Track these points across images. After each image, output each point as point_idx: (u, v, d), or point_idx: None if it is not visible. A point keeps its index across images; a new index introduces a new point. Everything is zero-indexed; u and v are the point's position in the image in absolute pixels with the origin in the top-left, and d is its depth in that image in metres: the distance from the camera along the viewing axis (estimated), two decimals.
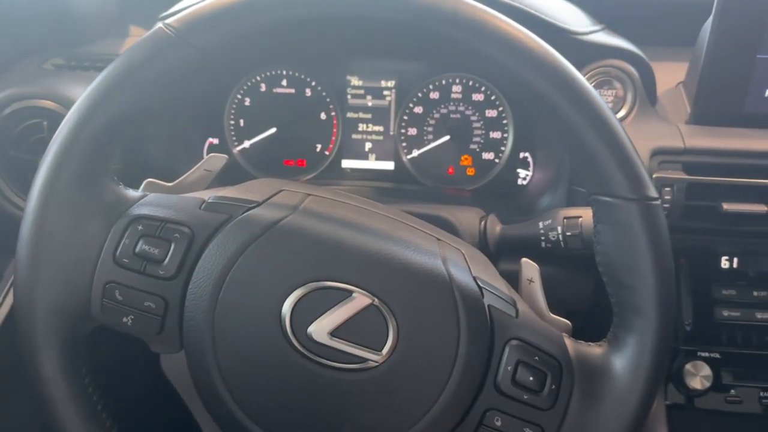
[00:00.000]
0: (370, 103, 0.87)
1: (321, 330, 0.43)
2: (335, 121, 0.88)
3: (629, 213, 0.44)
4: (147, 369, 0.62)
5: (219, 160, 0.56)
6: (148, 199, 0.48)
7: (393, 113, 0.87)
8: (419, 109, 0.87)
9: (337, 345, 0.43)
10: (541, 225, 0.68)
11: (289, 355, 0.43)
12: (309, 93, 0.87)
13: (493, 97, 0.86)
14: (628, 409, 0.45)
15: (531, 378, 0.45)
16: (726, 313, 0.74)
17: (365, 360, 0.43)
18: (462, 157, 0.88)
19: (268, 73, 0.86)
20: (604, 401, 0.45)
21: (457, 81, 0.86)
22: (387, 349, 0.43)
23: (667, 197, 0.69)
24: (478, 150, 0.87)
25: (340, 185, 0.88)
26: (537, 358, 0.45)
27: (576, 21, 0.76)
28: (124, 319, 0.45)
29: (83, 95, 0.45)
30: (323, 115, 0.88)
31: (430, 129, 0.87)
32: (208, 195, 0.49)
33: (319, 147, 0.89)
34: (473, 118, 0.86)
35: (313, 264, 0.44)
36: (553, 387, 0.45)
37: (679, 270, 0.75)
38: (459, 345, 0.44)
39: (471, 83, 0.86)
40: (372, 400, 0.44)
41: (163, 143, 0.83)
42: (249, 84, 0.87)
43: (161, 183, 0.53)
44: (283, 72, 0.86)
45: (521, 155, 0.87)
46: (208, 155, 0.57)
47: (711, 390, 0.73)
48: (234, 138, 0.89)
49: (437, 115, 0.87)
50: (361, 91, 0.87)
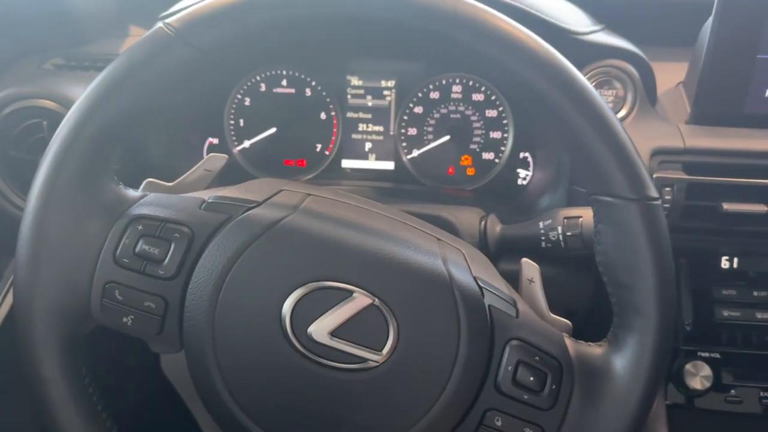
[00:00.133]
0: (370, 103, 0.87)
1: (321, 330, 0.43)
2: (335, 121, 0.88)
3: (629, 213, 0.44)
4: (147, 369, 0.61)
5: (219, 159, 0.56)
6: (148, 199, 0.48)
7: (393, 113, 0.87)
8: (419, 109, 0.87)
9: (338, 345, 0.43)
10: (542, 225, 0.68)
11: (290, 355, 0.43)
12: (309, 93, 0.87)
13: (493, 97, 0.86)
14: (628, 409, 0.45)
15: (531, 378, 0.45)
16: (726, 313, 0.74)
17: (365, 360, 0.43)
18: (462, 157, 0.88)
19: (268, 73, 0.86)
20: (604, 401, 0.45)
21: (457, 81, 0.86)
22: (387, 349, 0.43)
23: (668, 197, 0.69)
24: (478, 150, 0.87)
25: (340, 185, 0.88)
26: (537, 358, 0.45)
27: (576, 21, 0.76)
28: (124, 319, 0.45)
29: (83, 95, 0.45)
30: (323, 115, 0.88)
31: (430, 129, 0.87)
32: (208, 195, 0.49)
33: (319, 147, 0.89)
34: (473, 118, 0.86)
35: (314, 264, 0.44)
36: (554, 387, 0.45)
37: (680, 270, 0.74)
38: (459, 345, 0.44)
39: (471, 83, 0.85)
40: (372, 400, 0.44)
41: (163, 143, 0.83)
42: (249, 84, 0.87)
43: (161, 183, 0.53)
44: (283, 72, 0.86)
45: (521, 155, 0.87)
46: (208, 155, 0.57)
47: (711, 390, 0.72)
48: (234, 138, 0.89)
49: (437, 115, 0.87)
50: (361, 91, 0.87)
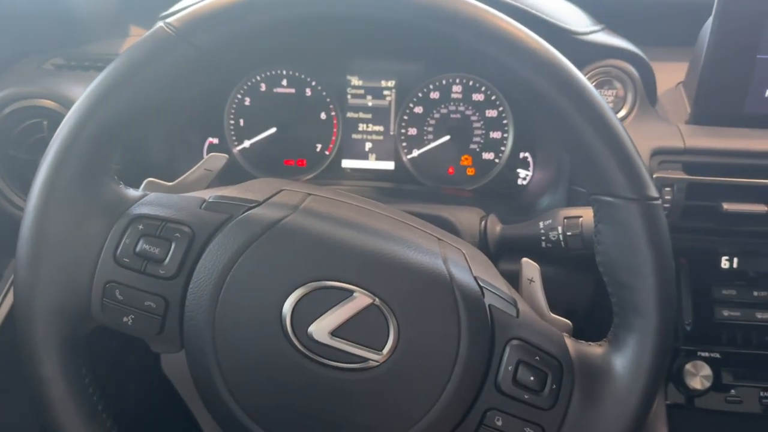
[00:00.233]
0: (370, 103, 0.87)
1: (322, 330, 0.43)
2: (335, 121, 0.88)
3: (630, 213, 0.44)
4: (147, 369, 0.61)
5: (219, 159, 0.56)
6: (148, 199, 0.48)
7: (393, 113, 0.87)
8: (419, 109, 0.87)
9: (338, 345, 0.43)
10: (542, 225, 0.68)
11: (290, 355, 0.43)
12: (309, 93, 0.87)
13: (494, 97, 0.86)
14: (628, 409, 0.45)
15: (532, 378, 0.45)
16: (726, 313, 0.74)
17: (366, 360, 0.43)
18: (462, 157, 0.88)
19: (268, 73, 0.86)
20: (604, 401, 0.45)
21: (457, 81, 0.86)
22: (388, 349, 0.43)
23: (668, 197, 0.69)
24: (478, 150, 0.87)
25: (340, 185, 0.88)
26: (538, 357, 0.45)
27: (576, 21, 0.76)
28: (124, 319, 0.45)
29: (84, 95, 0.45)
30: (323, 115, 0.88)
31: (430, 129, 0.87)
32: (208, 194, 0.49)
33: (319, 147, 0.89)
34: (473, 118, 0.86)
35: (314, 264, 0.44)
36: (554, 387, 0.45)
37: (680, 270, 0.75)
38: (460, 345, 0.44)
39: (471, 83, 0.85)
40: (372, 399, 0.44)
41: (163, 143, 0.83)
42: (249, 84, 0.87)
43: (162, 182, 0.53)
44: (283, 72, 0.86)
45: (521, 155, 0.87)
46: (208, 155, 0.57)
47: (711, 390, 0.73)
48: (234, 138, 0.89)
49: (437, 115, 0.87)
50: (361, 91, 0.87)
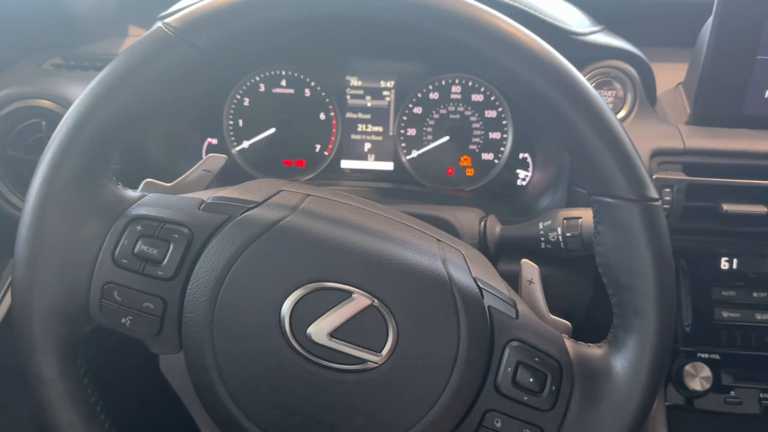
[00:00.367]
0: (369, 104, 0.87)
1: (320, 331, 0.43)
2: (334, 122, 0.88)
3: (629, 214, 0.44)
4: (145, 370, 0.61)
5: (218, 160, 0.56)
6: (146, 200, 0.48)
7: (392, 114, 0.87)
8: (418, 110, 0.87)
9: (337, 346, 0.43)
10: (541, 226, 0.68)
11: (289, 356, 0.43)
12: (308, 93, 0.87)
13: (493, 98, 0.86)
14: (628, 411, 0.45)
15: (531, 379, 0.45)
16: (726, 314, 0.74)
17: (365, 361, 0.43)
18: (461, 158, 0.88)
19: (267, 73, 0.86)
20: (604, 402, 0.45)
21: (457, 81, 0.86)
22: (387, 350, 0.43)
23: (667, 198, 0.69)
24: (477, 150, 0.87)
25: (339, 186, 0.88)
26: (537, 359, 0.45)
27: (576, 21, 0.76)
28: (122, 320, 0.45)
29: (82, 95, 0.45)
30: (322, 116, 0.88)
31: (429, 129, 0.87)
32: (207, 195, 0.49)
33: (319, 147, 0.89)
34: (473, 118, 0.86)
35: (313, 265, 0.44)
36: (553, 388, 0.45)
37: (679, 271, 0.75)
38: (459, 346, 0.44)
39: (470, 84, 0.85)
40: (371, 401, 0.44)
41: (162, 143, 0.83)
42: (248, 84, 0.87)
43: (160, 183, 0.53)
44: (283, 72, 0.86)
45: (521, 156, 0.87)
46: (207, 155, 0.56)
47: (711, 391, 0.73)
48: (233, 138, 0.88)
49: (437, 116, 0.87)
50: (361, 92, 0.87)
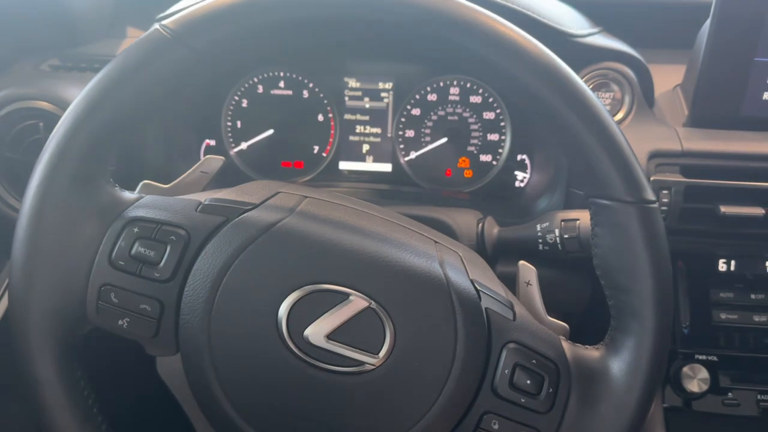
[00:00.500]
0: (367, 105, 0.87)
1: (318, 333, 0.43)
2: (333, 123, 0.88)
3: (627, 216, 0.44)
4: (142, 371, 0.61)
5: (216, 161, 0.56)
6: (144, 201, 0.48)
7: (391, 115, 0.87)
8: (417, 111, 0.87)
9: (334, 348, 0.43)
10: (539, 227, 0.68)
11: (286, 358, 0.43)
12: (306, 95, 0.87)
13: (491, 100, 0.86)
14: (625, 413, 0.45)
15: (528, 381, 0.44)
16: (723, 316, 0.74)
17: (362, 363, 0.43)
18: (459, 159, 0.88)
19: (265, 75, 0.86)
20: (601, 404, 0.45)
21: (455, 83, 0.86)
22: (384, 352, 0.43)
23: (665, 200, 0.69)
24: (475, 152, 0.87)
25: (337, 187, 0.88)
26: (534, 361, 0.45)
27: (574, 23, 0.76)
28: (119, 322, 0.45)
29: (80, 96, 0.45)
30: (321, 117, 0.88)
31: (427, 131, 0.87)
32: (204, 197, 0.49)
33: (317, 149, 0.89)
34: (471, 120, 0.86)
35: (310, 267, 0.44)
36: (551, 390, 0.45)
37: (677, 272, 0.75)
38: (456, 348, 0.44)
39: (469, 85, 0.85)
40: (369, 403, 0.43)
41: (160, 145, 0.83)
42: (246, 85, 0.87)
43: (157, 185, 0.53)
44: (281, 74, 0.86)
45: (519, 157, 0.87)
46: (205, 157, 0.56)
47: (708, 393, 0.72)
48: (231, 139, 0.88)
49: (435, 117, 0.87)
50: (359, 93, 0.87)
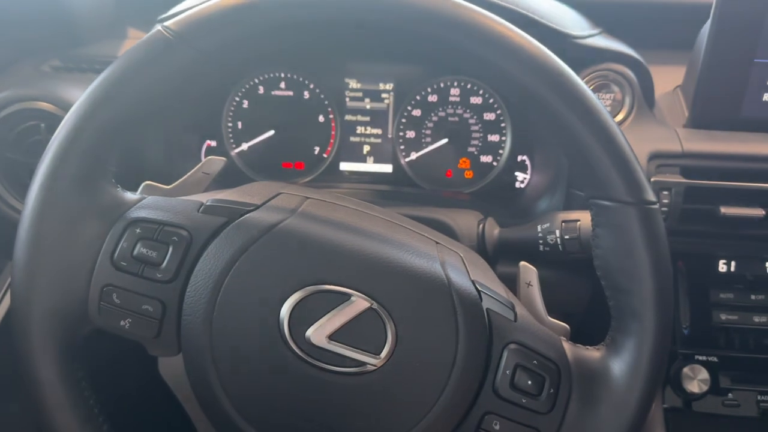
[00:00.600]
0: (368, 106, 0.87)
1: (319, 333, 0.43)
2: (333, 124, 0.88)
3: (627, 217, 0.44)
4: (144, 372, 0.61)
5: (217, 162, 0.56)
6: (146, 202, 0.48)
7: (391, 116, 0.87)
8: (417, 112, 0.87)
9: (336, 348, 0.43)
10: (539, 228, 0.68)
11: (288, 359, 0.43)
12: (307, 96, 0.87)
13: (491, 100, 0.86)
14: (626, 413, 0.45)
15: (529, 382, 0.45)
16: (724, 317, 0.74)
17: (363, 364, 0.43)
18: (460, 160, 0.88)
19: (266, 76, 0.86)
20: (602, 405, 0.45)
21: (456, 84, 0.86)
22: (385, 353, 0.43)
23: (665, 201, 0.69)
24: (476, 153, 0.87)
25: (338, 188, 0.88)
26: (535, 361, 0.45)
27: (574, 25, 0.76)
28: (121, 322, 0.45)
29: (82, 97, 0.45)
30: (321, 118, 0.88)
31: (428, 132, 0.87)
32: (206, 198, 0.49)
33: (317, 149, 0.89)
34: (471, 121, 0.87)
35: (312, 267, 0.44)
36: (552, 391, 0.45)
37: (677, 273, 0.75)
38: (457, 348, 0.44)
39: (469, 86, 0.86)
40: (370, 403, 0.44)
41: (161, 146, 0.83)
42: (247, 86, 0.87)
43: (159, 186, 0.53)
44: (282, 74, 0.86)
45: (519, 158, 0.87)
46: (206, 158, 0.57)
47: (708, 393, 0.72)
48: (232, 140, 0.88)
49: (435, 118, 0.87)
50: (360, 94, 0.87)
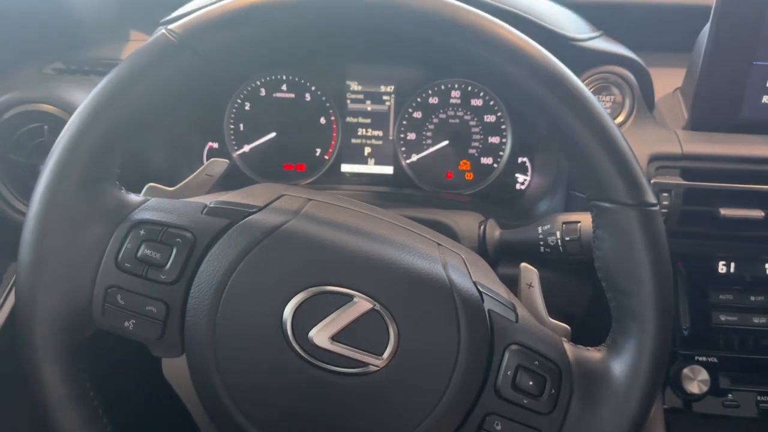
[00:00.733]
0: (369, 108, 0.88)
1: (322, 334, 0.43)
2: (335, 126, 0.88)
3: (628, 218, 0.45)
4: (148, 373, 0.61)
5: (220, 164, 0.56)
6: (149, 204, 0.48)
7: (392, 118, 0.88)
8: (418, 114, 0.87)
9: (339, 349, 0.43)
10: (540, 230, 0.69)
11: (291, 360, 0.43)
12: (309, 98, 0.87)
13: (492, 103, 0.86)
14: (626, 414, 0.45)
15: (531, 382, 0.45)
16: (723, 318, 0.74)
17: (366, 364, 0.43)
18: (461, 162, 0.88)
19: (268, 78, 0.87)
20: (603, 405, 0.46)
21: (456, 86, 0.86)
22: (388, 354, 0.44)
23: (665, 203, 0.70)
24: (476, 155, 0.88)
25: (339, 189, 0.88)
26: (537, 362, 0.45)
27: (574, 27, 0.77)
28: (125, 324, 0.45)
29: (87, 100, 0.45)
30: (323, 120, 0.88)
31: (429, 134, 0.88)
32: (209, 200, 0.49)
33: (319, 151, 0.89)
34: (472, 123, 0.87)
35: (314, 269, 0.45)
36: (553, 391, 0.45)
37: (677, 274, 0.75)
38: (459, 349, 0.44)
39: (470, 88, 0.86)
40: (372, 404, 0.44)
41: (164, 147, 0.84)
42: (249, 89, 0.87)
43: (163, 188, 0.53)
44: (283, 77, 0.87)
45: (519, 160, 0.88)
46: (209, 160, 0.57)
47: (708, 394, 0.73)
48: (234, 142, 0.89)
49: (436, 120, 0.87)
50: (361, 96, 0.87)
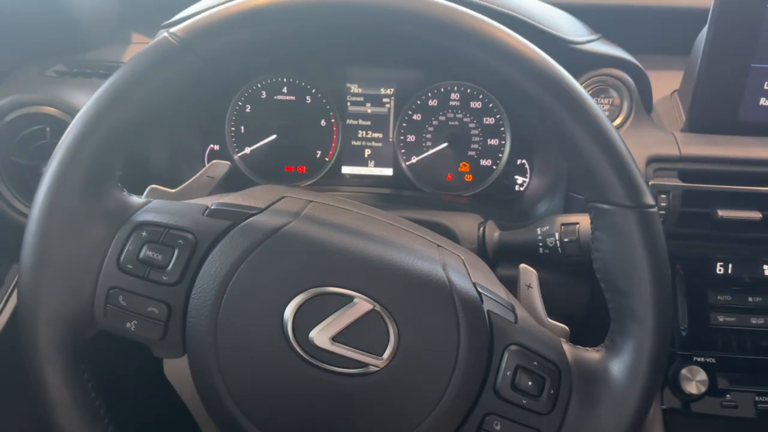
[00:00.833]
0: (369, 110, 0.88)
1: (323, 335, 0.44)
2: (335, 128, 0.89)
3: (626, 220, 0.45)
4: (149, 374, 0.62)
5: (222, 166, 0.57)
6: (151, 206, 0.48)
7: (392, 120, 0.88)
8: (418, 116, 0.88)
9: (339, 350, 0.44)
10: (539, 231, 0.69)
11: (291, 360, 0.44)
12: (309, 100, 0.88)
13: (491, 105, 0.87)
14: (625, 414, 0.45)
15: (530, 383, 0.45)
16: (721, 319, 0.75)
17: (366, 365, 0.44)
18: (460, 164, 0.88)
19: (268, 81, 0.87)
20: (601, 406, 0.46)
21: (456, 89, 0.86)
22: (388, 354, 0.44)
23: (663, 204, 0.70)
24: (476, 157, 0.88)
25: (339, 191, 0.89)
26: (536, 363, 0.46)
27: (573, 30, 0.77)
28: (127, 325, 0.45)
29: (89, 102, 0.45)
30: (323, 122, 0.89)
31: (428, 136, 0.88)
32: (211, 201, 0.49)
33: (319, 153, 0.90)
34: (471, 125, 0.87)
35: (315, 270, 0.45)
36: (552, 392, 0.45)
37: (675, 276, 0.75)
38: (459, 350, 0.44)
39: (469, 91, 0.86)
40: (372, 404, 0.44)
41: (166, 150, 0.84)
42: (250, 91, 0.87)
43: (165, 189, 0.54)
44: (284, 79, 0.87)
45: (518, 162, 0.88)
46: (211, 162, 0.57)
47: (707, 394, 0.73)
48: (235, 144, 0.89)
49: (436, 122, 0.87)
50: (361, 99, 0.88)
